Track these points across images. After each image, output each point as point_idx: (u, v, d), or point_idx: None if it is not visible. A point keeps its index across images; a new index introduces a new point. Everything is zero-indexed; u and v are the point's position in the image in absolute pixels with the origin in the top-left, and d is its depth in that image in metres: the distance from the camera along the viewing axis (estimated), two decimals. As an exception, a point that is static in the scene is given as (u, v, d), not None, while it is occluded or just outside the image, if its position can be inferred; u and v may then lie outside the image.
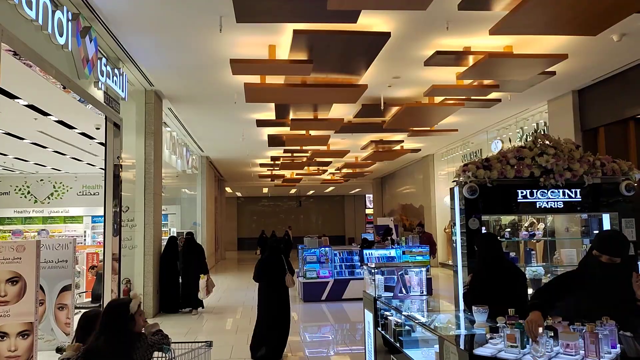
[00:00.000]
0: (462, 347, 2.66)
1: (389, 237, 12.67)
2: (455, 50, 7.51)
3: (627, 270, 2.81)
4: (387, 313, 4.27)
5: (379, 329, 4.41)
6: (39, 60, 5.36)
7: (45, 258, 7.06)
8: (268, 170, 21.22)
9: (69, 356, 3.21)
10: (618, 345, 2.47)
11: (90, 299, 9.08)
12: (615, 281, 2.73)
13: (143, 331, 3.31)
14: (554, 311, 2.75)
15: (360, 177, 24.60)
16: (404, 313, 3.86)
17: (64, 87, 6.22)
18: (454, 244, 4.71)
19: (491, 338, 2.73)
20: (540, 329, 2.43)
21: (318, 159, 17.34)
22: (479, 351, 2.57)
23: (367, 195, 34.81)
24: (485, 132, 14.41)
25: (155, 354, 3.39)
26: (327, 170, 21.75)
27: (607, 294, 2.77)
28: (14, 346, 5.95)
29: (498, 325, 2.72)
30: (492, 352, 2.53)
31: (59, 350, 3.54)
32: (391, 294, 4.49)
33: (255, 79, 8.48)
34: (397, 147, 15.77)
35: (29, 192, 18.07)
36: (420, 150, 17.23)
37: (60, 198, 18.28)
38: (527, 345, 2.47)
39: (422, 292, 4.57)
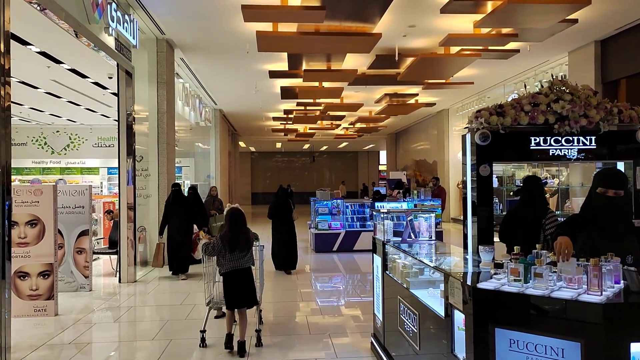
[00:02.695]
0: (467, 282, 2.71)
1: (400, 191, 12.69)
2: (473, -5, 7.25)
3: (628, 203, 2.97)
4: (395, 256, 4.33)
5: (387, 272, 4.49)
6: (48, 2, 5.30)
7: (62, 204, 7.25)
8: (281, 124, 21.14)
9: (209, 242, 5.12)
10: (622, 281, 2.49)
11: (107, 245, 9.34)
12: (621, 213, 2.84)
13: None
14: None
15: (374, 132, 24.42)
16: (411, 254, 3.92)
17: (76, 33, 6.18)
18: (465, 192, 4.68)
19: (495, 274, 2.77)
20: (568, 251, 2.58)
21: (331, 113, 17.20)
22: (482, 285, 2.61)
23: (380, 152, 34.66)
24: (502, 86, 14.11)
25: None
26: (340, 125, 21.60)
27: (616, 227, 2.90)
28: (35, 285, 6.20)
29: (503, 261, 2.75)
30: (495, 285, 2.57)
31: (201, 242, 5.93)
32: (399, 239, 4.53)
33: (267, 27, 8.33)
34: (412, 101, 15.56)
35: (45, 143, 18.34)
36: (435, 104, 16.97)
37: (77, 149, 18.55)
38: (530, 280, 2.50)
39: (431, 237, 4.62)
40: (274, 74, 11.72)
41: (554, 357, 2.33)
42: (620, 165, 4.60)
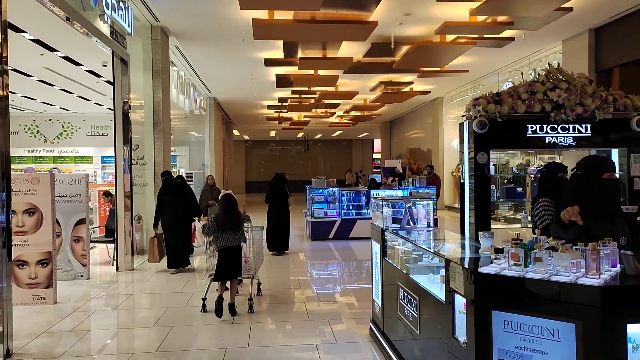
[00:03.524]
0: (469, 267, 2.77)
1: (395, 178, 12.76)
2: (470, -17, 7.27)
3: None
4: (395, 243, 4.39)
5: (386, 258, 4.55)
6: (44, -11, 5.26)
7: (59, 192, 7.23)
8: (276, 112, 21.10)
9: (206, 223, 5.87)
10: (618, 265, 2.57)
11: (104, 234, 9.34)
12: (618, 194, 3.03)
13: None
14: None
15: (369, 121, 24.43)
16: (411, 241, 3.98)
17: (68, 18, 6.12)
18: (462, 179, 4.74)
19: (496, 259, 2.84)
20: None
21: (326, 101, 17.19)
22: (483, 270, 2.67)
23: (375, 140, 34.68)
24: (496, 74, 14.15)
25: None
26: (335, 113, 21.58)
27: (615, 207, 3.07)
28: (34, 274, 6.22)
29: (503, 247, 2.82)
30: (496, 270, 2.63)
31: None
32: (398, 226, 4.59)
33: (263, 14, 8.30)
34: (407, 89, 15.57)
35: (38, 132, 18.19)
36: (429, 92, 17.00)
37: (70, 138, 18.41)
38: (530, 265, 2.57)
39: (429, 225, 4.68)
40: (269, 62, 11.69)
41: (550, 337, 2.42)
42: (615, 153, 4.67)
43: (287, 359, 4.56)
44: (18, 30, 8.15)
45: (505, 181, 6.96)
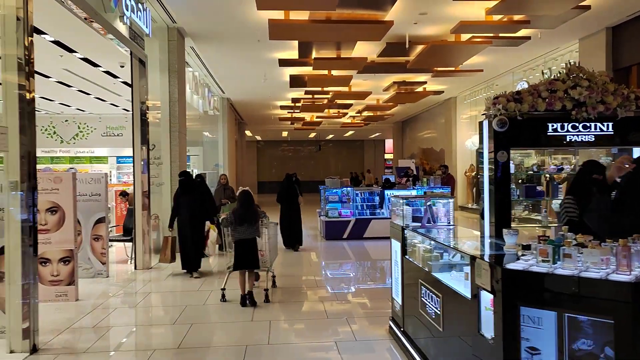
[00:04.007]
0: (496, 263, 2.78)
1: (410, 178, 12.75)
2: (487, -18, 7.25)
3: None
4: (416, 241, 4.41)
5: (407, 256, 4.56)
6: (68, -9, 5.34)
7: (79, 191, 7.33)
8: (288, 112, 21.15)
9: (226, 216, 6.54)
10: (649, 262, 2.56)
11: (122, 233, 9.44)
12: None
13: None
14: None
15: (381, 121, 24.39)
16: (433, 238, 3.99)
17: (85, 18, 6.19)
18: (482, 177, 4.73)
19: (523, 255, 2.84)
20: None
21: (339, 101, 17.21)
22: (510, 266, 2.68)
23: (386, 140, 34.62)
24: (511, 74, 14.07)
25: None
26: (347, 113, 21.59)
27: None
28: (56, 271, 6.32)
29: (530, 243, 2.82)
30: (523, 266, 2.64)
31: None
32: (419, 224, 4.61)
33: (279, 15, 8.34)
34: (420, 89, 15.53)
35: (54, 133, 18.41)
36: (443, 92, 16.95)
37: (85, 139, 18.61)
38: (558, 261, 2.57)
39: (449, 223, 4.69)
40: (283, 62, 11.74)
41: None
42: (637, 151, 4.64)
43: (307, 356, 4.59)
44: (39, 32, 8.28)
45: (520, 180, 6.93)
